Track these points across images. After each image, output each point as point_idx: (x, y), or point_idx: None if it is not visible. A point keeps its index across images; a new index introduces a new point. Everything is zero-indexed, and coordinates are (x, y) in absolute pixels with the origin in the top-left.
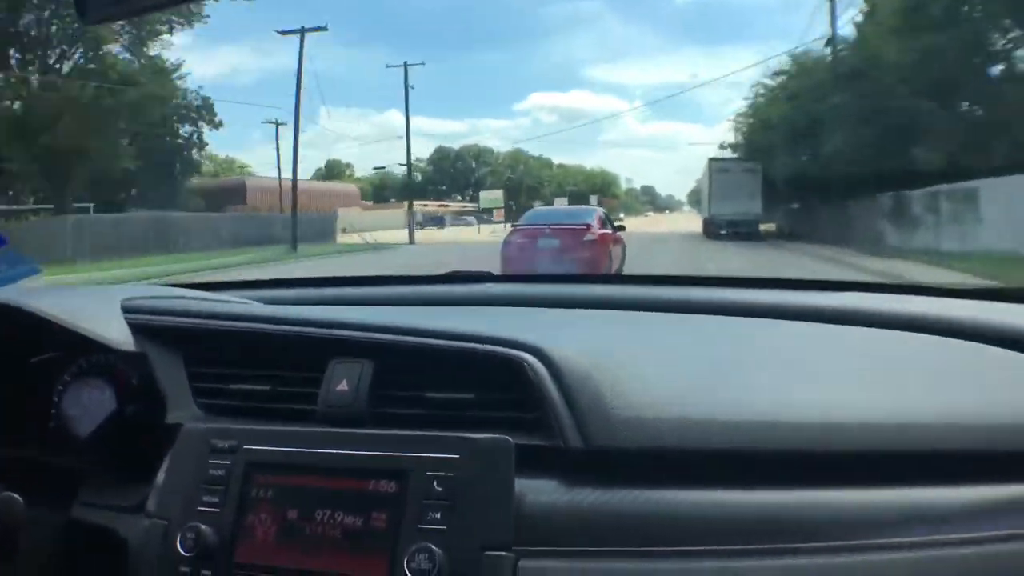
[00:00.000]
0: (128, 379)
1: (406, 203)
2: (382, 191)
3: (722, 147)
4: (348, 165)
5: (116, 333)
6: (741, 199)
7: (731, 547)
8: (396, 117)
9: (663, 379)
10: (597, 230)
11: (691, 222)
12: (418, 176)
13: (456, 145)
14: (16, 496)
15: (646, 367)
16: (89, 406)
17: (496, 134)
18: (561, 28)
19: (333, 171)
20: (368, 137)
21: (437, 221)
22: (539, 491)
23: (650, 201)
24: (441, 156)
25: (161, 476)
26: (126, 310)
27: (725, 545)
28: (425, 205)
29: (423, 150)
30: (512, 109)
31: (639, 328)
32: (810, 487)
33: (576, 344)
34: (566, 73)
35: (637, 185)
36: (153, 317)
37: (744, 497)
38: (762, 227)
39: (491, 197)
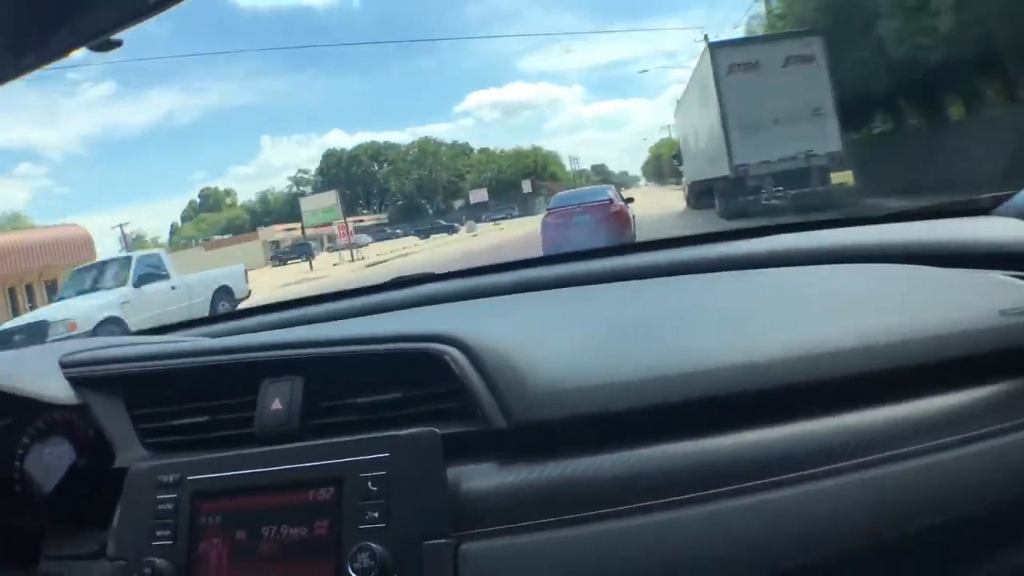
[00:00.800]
0: (83, 430)
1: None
2: (264, 217)
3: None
4: (228, 192)
5: (57, 389)
6: (793, 121)
7: (662, 500)
8: (339, 136)
9: (580, 349)
10: (618, 202)
11: (654, 198)
12: (307, 189)
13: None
14: None
15: (564, 340)
16: (50, 463)
17: (443, 137)
18: (484, 25)
19: (209, 201)
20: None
21: (303, 251)
22: (472, 476)
23: (603, 180)
24: (329, 163)
25: (116, 519)
26: (64, 365)
27: (656, 499)
28: (289, 229)
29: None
30: (453, 111)
31: (563, 304)
32: (734, 431)
33: (496, 329)
34: (500, 68)
35: (587, 165)
36: (90, 368)
37: (667, 450)
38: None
39: (318, 205)
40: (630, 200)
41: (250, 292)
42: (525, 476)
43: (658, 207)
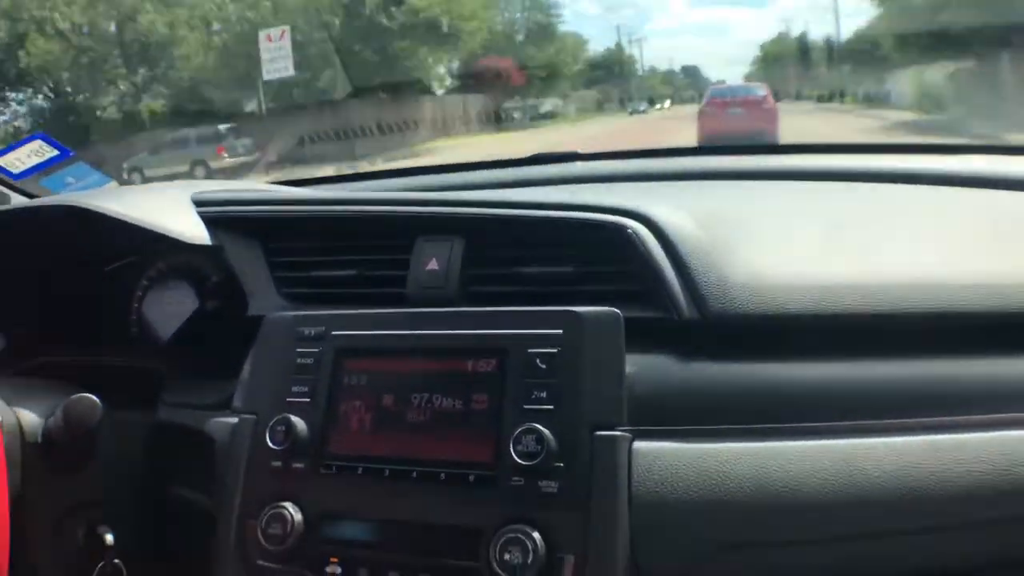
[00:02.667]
0: (207, 277)
1: None
2: None
3: None
4: None
5: (190, 228)
6: None
7: (857, 423)
8: None
9: (779, 244)
10: (771, 101)
11: None
12: None
13: None
14: (94, 398)
15: (760, 233)
16: (169, 309)
17: None
18: None
19: None
20: None
21: None
22: (651, 367)
23: (691, 85)
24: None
25: (246, 370)
26: (198, 203)
27: (851, 420)
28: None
29: None
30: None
31: (747, 196)
32: (936, 357)
33: (683, 211)
34: None
35: (677, 67)
36: (228, 208)
37: (869, 369)
38: None
39: None
40: None
41: None
42: (713, 375)
43: None
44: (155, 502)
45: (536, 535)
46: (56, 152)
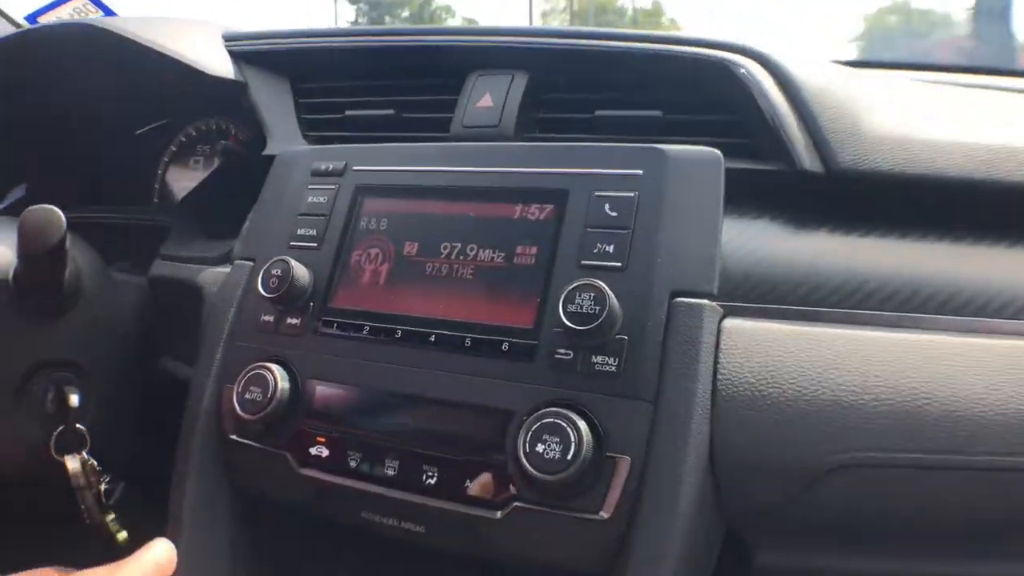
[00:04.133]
0: (231, 148)
1: None
2: None
3: None
4: None
5: (214, 60)
6: None
7: (985, 319)
8: None
9: (924, 111)
10: None
11: None
12: None
13: None
14: (55, 208)
15: (904, 101)
16: (192, 172)
17: None
18: None
19: None
20: None
21: None
22: (754, 233)
23: None
24: None
25: (252, 215)
26: (227, 38)
27: (980, 316)
28: None
29: None
30: None
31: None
32: None
33: (808, 64)
34: None
35: None
36: (257, 42)
37: (1005, 256)
38: None
39: None
40: None
41: None
42: (832, 247)
43: None
44: (142, 373)
45: (582, 424)
46: (100, 13)
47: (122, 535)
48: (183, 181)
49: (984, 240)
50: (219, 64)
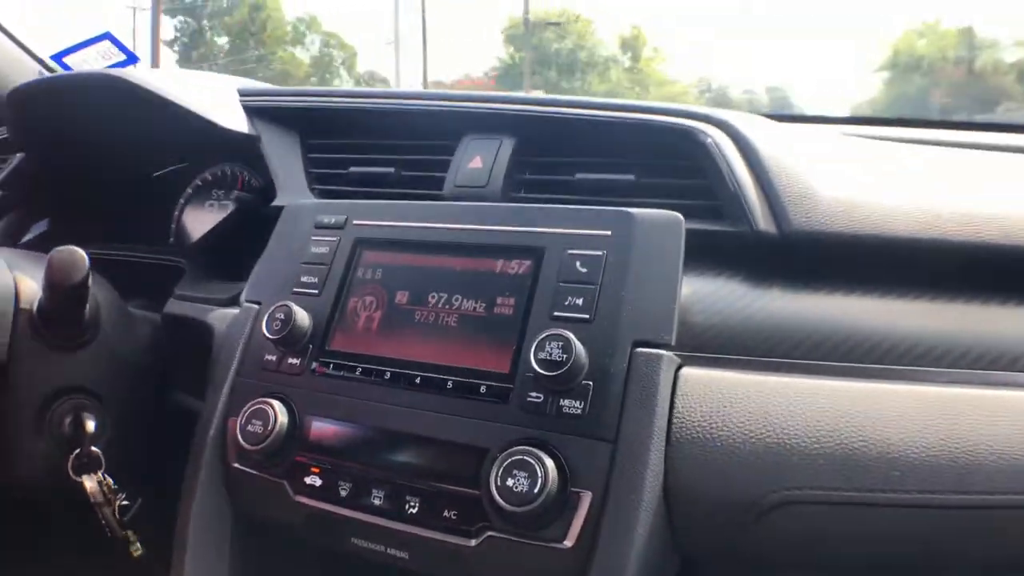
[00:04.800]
0: (250, 188)
1: None
2: None
3: None
4: None
5: (229, 115)
6: None
7: (957, 371)
8: None
9: (871, 176)
10: None
11: None
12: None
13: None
14: (79, 250)
15: (850, 165)
16: (207, 215)
17: None
18: None
19: None
20: None
21: None
22: (712, 290)
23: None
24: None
25: (259, 262)
26: (242, 93)
27: (950, 368)
28: None
29: None
30: None
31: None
32: None
33: (764, 129)
34: None
35: (757, 88)
36: (270, 99)
37: (975, 314)
38: None
39: None
40: None
41: None
42: (784, 303)
43: None
44: (155, 405)
45: (549, 462)
46: (123, 56)
47: (136, 549)
48: (198, 223)
49: (926, 295)
50: (233, 118)
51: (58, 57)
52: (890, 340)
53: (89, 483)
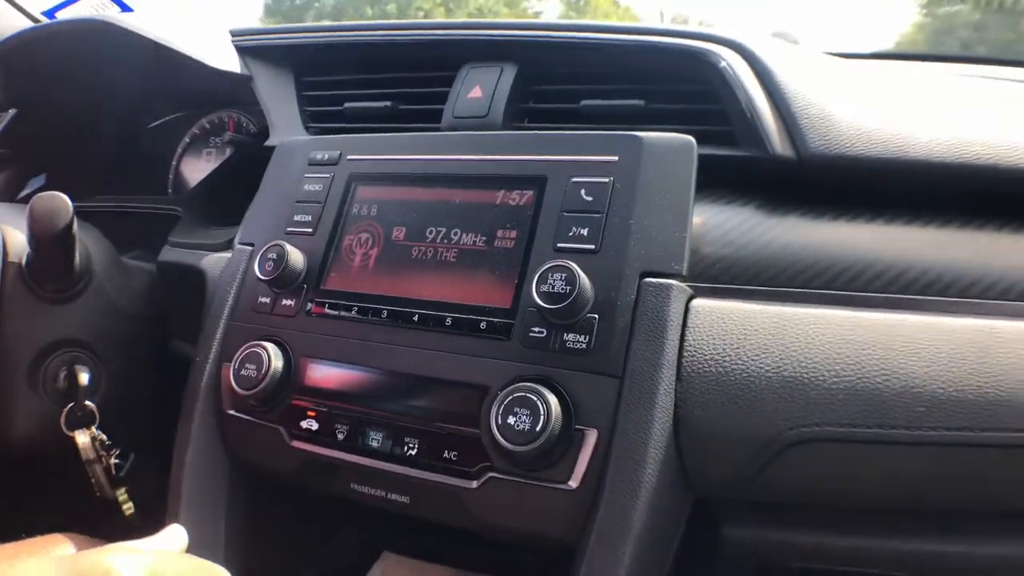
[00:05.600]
0: (248, 133)
1: None
2: None
3: None
4: None
5: (220, 55)
6: None
7: (983, 302)
8: None
9: (883, 100)
10: None
11: None
12: None
13: None
14: (62, 195)
15: (863, 90)
16: (204, 164)
17: None
18: None
19: None
20: None
21: None
22: (725, 218)
23: None
24: None
25: (253, 203)
26: (233, 33)
27: (975, 298)
28: None
29: None
30: None
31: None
32: None
33: (779, 51)
34: None
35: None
36: (262, 37)
37: (997, 242)
38: None
39: None
40: None
41: None
42: (800, 232)
43: None
44: (153, 354)
45: (552, 398)
46: (117, 8)
47: (128, 508)
48: (196, 172)
49: (950, 223)
50: (225, 59)
51: (50, 13)
52: (914, 270)
53: (81, 439)
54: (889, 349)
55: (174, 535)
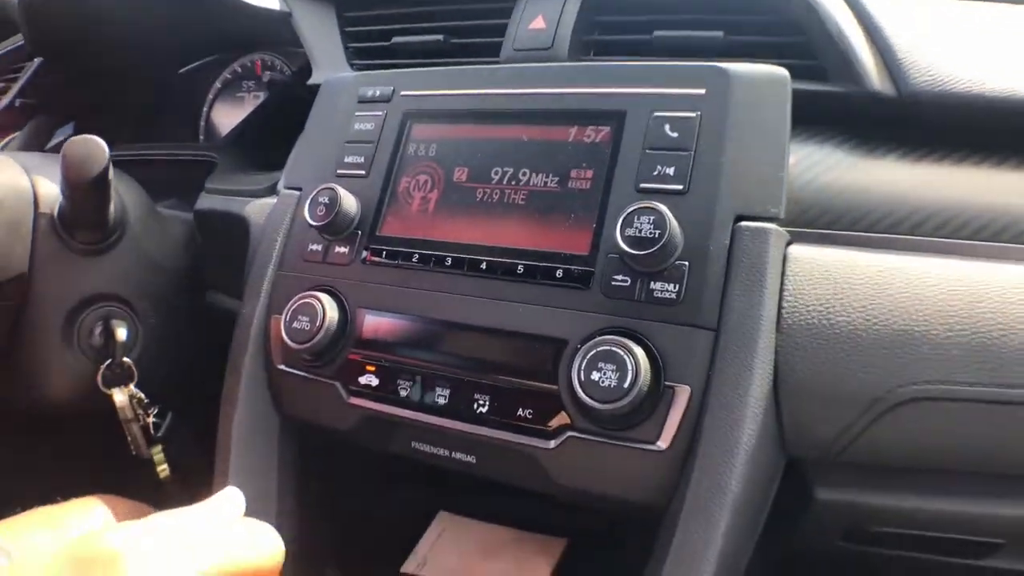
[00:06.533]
0: (277, 79)
1: None
2: None
3: None
4: None
5: None
6: None
7: None
8: None
9: (987, 29)
10: None
11: None
12: None
13: None
14: (97, 138)
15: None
16: (238, 112)
17: None
18: None
19: None
20: None
21: None
22: (820, 157)
23: None
24: None
25: (297, 145)
26: None
27: None
28: None
29: None
30: None
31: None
32: None
33: None
34: None
35: None
36: None
37: None
38: None
39: None
40: None
41: None
42: (903, 174)
43: None
44: (189, 307)
45: (639, 352)
46: None
47: (164, 470)
48: (229, 117)
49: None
50: None
51: None
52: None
53: (119, 397)
54: (1006, 302)
55: (231, 499)
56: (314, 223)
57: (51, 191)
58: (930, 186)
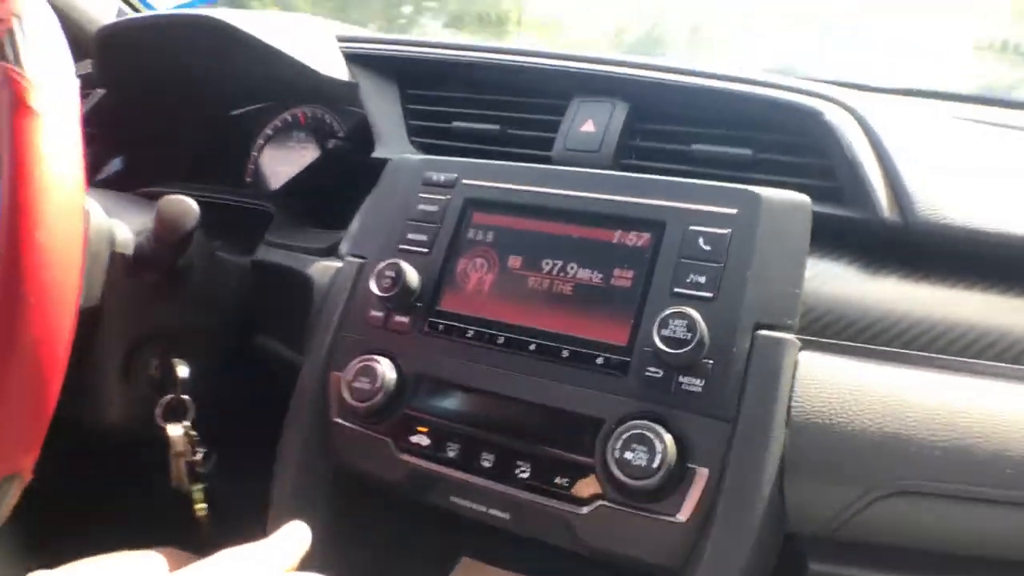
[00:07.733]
0: (332, 127)
1: None
2: None
3: None
4: None
5: (328, 61)
6: None
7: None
8: None
9: (983, 167)
10: None
11: None
12: None
13: None
14: (190, 200)
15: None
16: (289, 159)
17: None
18: None
19: None
20: None
21: None
22: (832, 273)
23: None
24: None
25: (360, 214)
26: (341, 39)
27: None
28: None
29: None
30: None
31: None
32: None
33: (887, 112)
34: None
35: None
36: (370, 45)
37: None
38: None
39: None
40: None
41: None
42: (905, 292)
43: None
44: (240, 349)
45: (668, 437)
46: None
47: (202, 508)
48: (277, 163)
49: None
50: (333, 65)
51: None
52: (1008, 339)
53: (173, 431)
54: (981, 412)
55: (298, 534)
56: (380, 293)
57: (126, 231)
58: (926, 305)
